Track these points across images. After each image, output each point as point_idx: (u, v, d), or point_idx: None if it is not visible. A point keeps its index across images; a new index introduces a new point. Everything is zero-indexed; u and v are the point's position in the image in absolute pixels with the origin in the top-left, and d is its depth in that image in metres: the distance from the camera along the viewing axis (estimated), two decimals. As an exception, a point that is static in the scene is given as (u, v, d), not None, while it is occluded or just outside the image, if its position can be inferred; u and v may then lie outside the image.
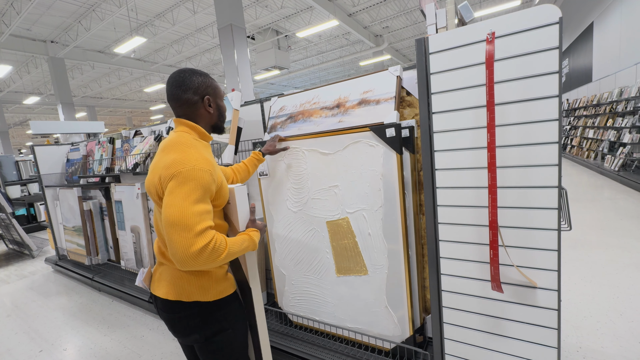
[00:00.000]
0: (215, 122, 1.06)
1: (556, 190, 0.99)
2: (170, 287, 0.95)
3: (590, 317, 1.97)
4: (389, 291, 1.48)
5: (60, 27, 9.07)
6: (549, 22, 0.93)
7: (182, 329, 0.97)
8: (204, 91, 0.99)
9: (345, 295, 1.63)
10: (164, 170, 0.85)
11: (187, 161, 0.84)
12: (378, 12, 10.33)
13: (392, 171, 1.36)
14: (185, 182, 0.81)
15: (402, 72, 1.49)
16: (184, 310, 0.95)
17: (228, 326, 1.00)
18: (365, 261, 1.53)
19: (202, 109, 0.99)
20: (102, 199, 3.25)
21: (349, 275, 1.60)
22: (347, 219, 1.54)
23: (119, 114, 22.64)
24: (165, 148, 0.92)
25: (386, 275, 1.47)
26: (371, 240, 1.49)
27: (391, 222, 1.40)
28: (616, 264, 2.60)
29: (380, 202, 1.42)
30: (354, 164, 1.47)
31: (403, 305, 1.45)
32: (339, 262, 1.61)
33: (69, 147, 3.73)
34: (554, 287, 1.03)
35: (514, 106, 1.01)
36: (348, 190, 1.51)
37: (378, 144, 1.38)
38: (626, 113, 6.01)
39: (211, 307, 0.97)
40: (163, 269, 0.99)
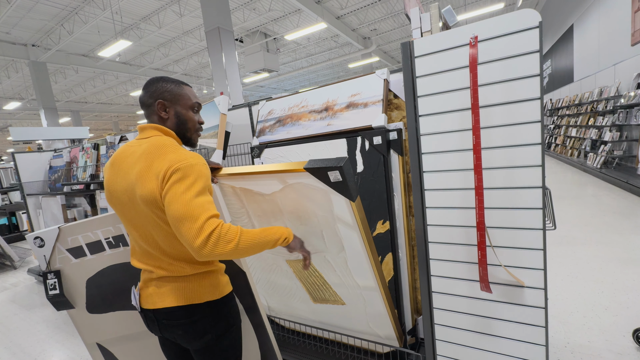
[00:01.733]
0: (176, 130, 0.98)
1: (540, 190, 1.01)
2: (178, 294, 0.93)
3: (576, 312, 2.01)
4: (370, 317, 1.43)
5: (42, 30, 8.84)
6: (529, 26, 0.95)
7: (195, 333, 0.95)
8: (160, 95, 0.95)
9: (327, 318, 1.61)
10: (163, 172, 0.82)
11: (183, 158, 0.83)
12: (366, 14, 10.43)
13: (348, 218, 1.11)
14: (185, 177, 0.81)
15: (389, 75, 1.50)
16: (197, 313, 0.94)
17: (233, 322, 1.02)
18: (339, 295, 1.42)
19: (154, 113, 0.96)
20: (87, 207, 3.16)
21: (326, 304, 1.53)
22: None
23: (105, 119, 22.17)
24: (147, 154, 0.87)
25: (364, 306, 1.40)
26: (341, 279, 1.34)
27: (358, 265, 1.25)
28: (600, 259, 2.67)
29: (341, 245, 1.22)
30: (298, 207, 1.18)
31: (388, 327, 1.42)
32: (313, 293, 1.53)
33: (52, 154, 3.63)
34: (540, 286, 1.05)
35: (498, 108, 1.03)
36: (301, 233, 1.26)
37: (322, 188, 1.06)
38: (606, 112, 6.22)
39: (219, 304, 0.98)
40: (160, 282, 0.95)
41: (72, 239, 1.24)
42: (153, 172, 0.83)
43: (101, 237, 1.26)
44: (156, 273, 0.95)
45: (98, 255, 1.27)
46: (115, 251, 1.28)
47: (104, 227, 1.25)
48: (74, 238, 1.24)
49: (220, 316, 0.98)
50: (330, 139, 1.54)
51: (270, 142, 1.78)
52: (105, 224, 1.25)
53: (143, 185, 0.83)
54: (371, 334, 1.51)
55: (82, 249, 1.25)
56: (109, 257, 1.28)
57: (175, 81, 0.99)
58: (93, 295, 1.28)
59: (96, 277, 1.27)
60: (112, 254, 1.28)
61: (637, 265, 2.50)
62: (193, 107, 1.01)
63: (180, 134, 1.00)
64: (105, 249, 1.27)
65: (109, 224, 1.25)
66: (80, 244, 1.25)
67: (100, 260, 1.27)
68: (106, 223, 1.25)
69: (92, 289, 1.28)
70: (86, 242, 1.26)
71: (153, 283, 0.97)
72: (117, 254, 1.28)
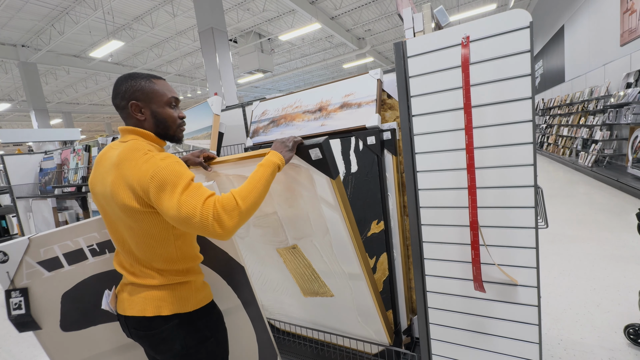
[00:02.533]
0: (155, 131, 0.93)
1: (532, 189, 1.01)
2: (146, 303, 0.91)
3: (569, 309, 2.04)
4: (360, 310, 1.44)
5: (32, 30, 8.70)
6: (520, 26, 0.96)
7: (162, 344, 0.92)
8: (131, 95, 0.90)
9: (317, 312, 1.61)
10: (136, 182, 0.80)
11: (151, 164, 0.80)
12: (360, 15, 10.46)
13: (329, 197, 1.16)
14: (162, 184, 0.77)
15: (382, 75, 1.50)
16: (163, 325, 0.91)
17: (210, 334, 0.97)
18: (328, 285, 1.45)
19: (130, 116, 0.92)
20: (78, 209, 3.11)
21: (315, 297, 1.54)
22: (297, 247, 1.41)
23: (98, 120, 21.90)
24: (119, 161, 0.84)
25: (352, 297, 1.42)
26: (328, 266, 1.38)
27: (343, 248, 1.27)
28: (592, 257, 2.70)
29: (325, 227, 1.26)
30: (285, 188, 1.24)
31: (376, 322, 1.42)
32: (303, 285, 1.55)
33: (42, 156, 3.57)
34: (533, 284, 1.06)
35: (490, 108, 1.03)
36: (288, 216, 1.32)
37: (305, 166, 1.12)
38: (597, 111, 6.31)
39: (191, 317, 0.94)
40: (133, 288, 0.94)
41: (45, 250, 1.10)
42: (125, 182, 0.81)
43: (83, 245, 1.15)
44: (128, 279, 0.94)
45: (78, 266, 1.15)
46: (100, 259, 1.18)
47: (87, 233, 1.15)
48: (48, 249, 1.10)
49: (192, 329, 0.94)
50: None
51: (264, 143, 1.77)
52: (89, 230, 1.15)
53: (117, 194, 0.82)
54: (361, 329, 1.51)
55: (58, 260, 1.12)
56: (91, 266, 1.17)
57: (145, 76, 0.92)
58: (70, 311, 1.15)
59: (75, 290, 1.16)
60: (96, 262, 1.17)
61: (628, 262, 2.54)
62: (170, 102, 0.94)
63: (161, 134, 0.95)
64: (88, 257, 1.16)
65: (93, 230, 1.16)
66: (55, 254, 1.11)
67: (81, 271, 1.16)
68: (89, 229, 1.15)
69: (69, 304, 1.15)
70: (64, 252, 1.13)
71: (127, 288, 0.96)
72: (101, 261, 1.18)
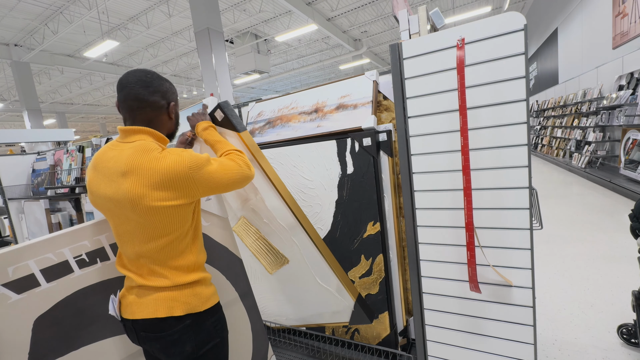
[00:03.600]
0: (173, 131, 1.03)
1: (527, 190, 1.02)
2: (158, 304, 0.89)
3: (564, 309, 2.05)
4: (314, 268, 1.54)
5: (25, 30, 8.60)
6: (514, 29, 0.96)
7: (173, 346, 0.91)
8: (171, 97, 0.97)
9: (287, 288, 1.70)
10: (176, 179, 0.84)
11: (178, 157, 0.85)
12: (356, 16, 10.48)
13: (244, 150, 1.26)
14: (199, 166, 0.87)
15: (378, 76, 1.50)
16: (176, 326, 0.90)
17: (217, 336, 0.97)
18: (281, 250, 1.59)
19: (164, 114, 0.96)
20: (72, 211, 3.08)
21: (278, 269, 1.67)
22: (243, 218, 1.56)
23: (92, 120, 21.70)
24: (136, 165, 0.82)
25: (302, 254, 1.53)
26: (271, 227, 1.53)
27: (272, 201, 1.38)
28: (586, 257, 2.73)
29: (253, 186, 1.39)
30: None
31: (331, 276, 1.51)
32: (264, 260, 1.68)
33: (35, 157, 3.52)
34: (528, 285, 1.06)
35: (485, 110, 1.04)
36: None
37: (220, 131, 1.24)
38: (590, 113, 6.39)
39: (203, 316, 0.94)
40: (141, 290, 0.92)
41: (16, 268, 0.91)
42: (152, 184, 0.81)
43: (69, 257, 1.00)
44: (137, 281, 0.92)
45: (60, 282, 0.99)
46: (89, 270, 1.05)
47: (75, 243, 1.02)
48: (19, 267, 0.92)
49: (203, 329, 0.94)
50: (320, 141, 1.53)
51: (259, 144, 1.77)
52: (77, 239, 1.02)
53: (142, 198, 0.82)
54: (326, 296, 1.57)
55: (33, 279, 0.94)
56: (77, 280, 1.02)
57: (169, 80, 1.00)
58: (44, 339, 0.96)
59: (53, 312, 0.98)
60: (84, 275, 1.04)
61: (621, 263, 2.56)
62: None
63: (172, 133, 1.02)
64: (74, 270, 1.02)
65: (83, 238, 1.03)
66: (30, 272, 0.94)
67: (63, 288, 1.00)
68: (78, 238, 1.02)
69: (43, 331, 0.96)
70: (42, 268, 0.96)
71: (134, 291, 0.93)
72: (91, 273, 1.05)
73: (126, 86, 0.89)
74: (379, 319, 1.52)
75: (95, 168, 0.90)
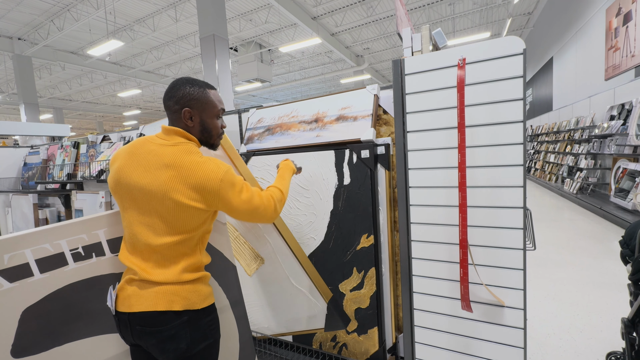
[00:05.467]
0: (199, 138, 1.01)
1: (521, 210, 1.03)
2: (158, 298, 0.89)
3: (553, 334, 2.04)
4: (287, 267, 1.57)
5: (30, 24, 8.63)
6: (514, 52, 0.99)
7: (168, 342, 0.89)
8: (187, 102, 0.96)
9: (265, 292, 1.71)
10: (205, 185, 0.89)
11: (217, 168, 0.91)
12: (360, 33, 10.74)
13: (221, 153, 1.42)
14: (230, 185, 0.92)
15: (379, 90, 1.52)
16: (173, 320, 0.89)
17: (211, 336, 0.97)
18: (257, 250, 1.62)
19: (181, 120, 0.98)
20: (60, 207, 3.01)
21: (255, 270, 1.69)
22: None
23: (89, 118, 21.57)
24: (177, 162, 0.90)
25: (275, 253, 1.57)
26: (245, 227, 1.61)
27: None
28: (576, 282, 2.74)
29: None
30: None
31: (302, 275, 1.54)
32: (243, 262, 1.71)
33: (28, 150, 3.47)
34: (520, 306, 1.06)
35: (483, 129, 1.06)
36: None
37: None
38: (582, 141, 6.54)
39: (200, 314, 0.94)
40: (143, 283, 0.91)
41: (12, 256, 0.91)
42: (186, 183, 0.88)
43: (65, 249, 1.00)
44: (140, 274, 0.91)
45: (53, 273, 0.98)
46: (84, 264, 1.03)
47: (73, 235, 1.01)
48: (15, 255, 0.92)
49: (198, 328, 0.94)
50: (318, 150, 1.54)
51: (258, 150, 1.77)
52: (76, 232, 1.01)
53: (173, 192, 0.88)
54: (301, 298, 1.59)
55: (27, 268, 0.93)
56: (70, 273, 1.01)
57: (202, 85, 0.98)
58: (29, 331, 0.95)
59: (42, 304, 0.97)
60: (77, 269, 1.02)
61: (610, 289, 2.57)
62: (218, 114, 1.02)
63: (202, 141, 1.02)
64: (68, 263, 1.00)
65: (82, 232, 1.02)
66: (25, 261, 0.93)
67: (55, 280, 0.98)
68: (77, 230, 1.01)
69: (30, 322, 0.95)
70: (38, 258, 0.95)
71: (135, 284, 0.93)
72: (85, 267, 1.03)
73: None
74: (367, 334, 1.49)
75: (132, 155, 0.93)
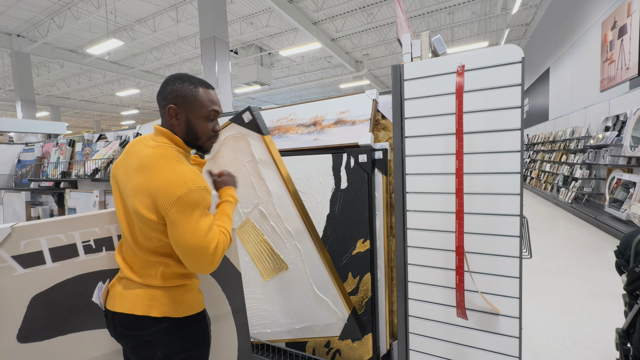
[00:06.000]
0: (185, 138, 0.92)
1: (518, 218, 1.02)
2: (138, 301, 0.87)
3: (548, 343, 2.03)
4: (313, 276, 1.52)
5: (30, 21, 8.60)
6: (512, 60, 1.00)
7: (145, 348, 0.87)
8: (172, 99, 0.89)
9: (280, 297, 1.65)
10: (159, 196, 0.80)
11: (182, 182, 0.80)
12: (360, 39, 10.83)
13: (263, 154, 1.41)
14: (187, 207, 0.80)
15: (378, 95, 1.53)
16: (151, 326, 0.86)
17: (193, 346, 0.92)
18: (282, 256, 1.57)
19: (166, 117, 0.92)
20: (53, 206, 2.97)
21: (274, 275, 1.64)
22: (249, 220, 1.57)
23: (87, 117, 21.45)
24: (147, 165, 0.84)
25: (304, 262, 1.52)
26: (277, 232, 1.56)
27: (284, 204, 1.43)
28: (571, 291, 2.74)
29: (267, 188, 1.45)
30: (233, 160, 1.50)
31: (330, 286, 1.49)
32: (261, 266, 1.66)
33: (22, 147, 3.43)
34: (515, 315, 1.05)
35: (481, 136, 1.06)
36: (239, 190, 1.55)
37: (243, 133, 1.40)
38: (577, 151, 6.61)
39: (180, 323, 0.90)
40: (126, 283, 0.91)
41: (27, 242, 0.96)
42: (147, 191, 0.81)
43: (77, 240, 1.03)
44: (125, 273, 0.90)
45: (64, 263, 1.01)
46: (93, 257, 1.06)
47: (86, 227, 1.04)
48: (31, 242, 0.97)
49: (179, 337, 0.89)
50: (316, 154, 1.53)
51: (255, 152, 1.76)
52: (90, 224, 1.04)
53: (137, 198, 0.83)
54: (321, 306, 1.53)
55: (41, 256, 0.98)
56: (80, 264, 1.04)
57: (194, 82, 0.90)
58: (36, 317, 0.98)
59: (50, 292, 1.01)
60: (87, 261, 1.05)
61: (604, 299, 2.57)
62: (208, 115, 0.92)
63: (189, 142, 0.94)
64: (79, 254, 1.04)
65: (95, 225, 1.05)
66: (39, 249, 0.97)
67: (65, 270, 1.02)
68: (91, 223, 1.04)
69: (37, 309, 0.98)
70: (52, 247, 0.99)
71: (122, 282, 0.92)
72: (94, 260, 1.06)
73: None
74: (362, 340, 1.47)
75: (125, 155, 0.93)
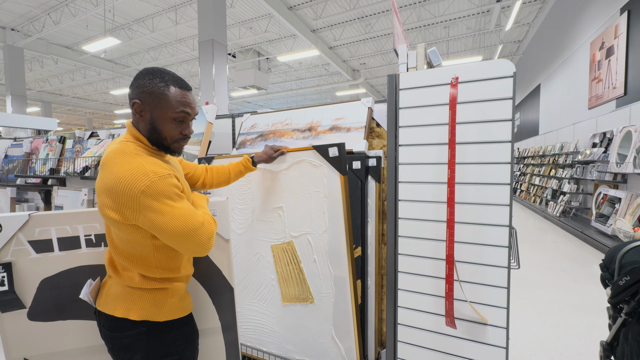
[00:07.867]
0: (149, 137, 0.85)
1: (507, 229, 1.04)
2: (118, 303, 0.86)
3: (534, 355, 2.04)
4: (336, 321, 1.42)
5: (25, 16, 8.51)
6: (505, 74, 1.03)
7: (123, 351, 0.86)
8: (138, 95, 0.82)
9: (292, 324, 1.55)
10: (119, 193, 0.74)
11: (141, 175, 0.74)
12: (357, 49, 10.99)
13: (336, 193, 1.31)
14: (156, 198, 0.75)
15: (373, 104, 1.55)
16: (129, 329, 0.85)
17: (175, 351, 0.90)
18: (311, 288, 1.46)
19: (132, 112, 0.85)
20: (40, 203, 2.90)
21: (295, 304, 1.51)
22: (292, 243, 1.47)
23: (79, 114, 21.14)
24: (104, 163, 0.80)
25: (333, 304, 1.41)
26: (317, 267, 1.42)
27: (336, 247, 1.35)
28: (557, 304, 2.77)
29: (325, 225, 1.36)
30: (298, 184, 1.42)
31: (350, 336, 1.39)
32: (285, 289, 1.53)
33: (10, 142, 3.36)
34: (502, 325, 1.06)
35: (473, 147, 1.08)
36: (292, 212, 1.45)
37: (321, 164, 1.33)
38: (566, 165, 6.76)
39: (161, 327, 0.87)
40: (112, 283, 0.90)
41: (41, 230, 1.06)
42: (104, 188, 0.77)
43: (81, 233, 1.11)
44: (111, 274, 0.90)
45: (68, 253, 1.10)
46: (93, 251, 1.13)
47: (89, 222, 1.11)
48: (44, 230, 1.06)
49: (158, 341, 0.87)
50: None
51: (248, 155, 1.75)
52: (92, 219, 1.12)
53: (98, 198, 0.80)
54: (331, 347, 1.45)
55: (50, 244, 1.08)
56: (82, 256, 1.12)
57: (167, 80, 0.83)
58: (43, 299, 1.10)
59: (56, 278, 1.10)
60: (88, 254, 1.12)
61: (590, 313, 2.61)
62: (176, 117, 0.84)
63: (154, 142, 0.86)
64: (81, 246, 1.12)
65: (96, 220, 1.12)
66: (50, 237, 1.07)
67: (69, 259, 1.11)
68: (93, 218, 1.11)
69: (44, 292, 1.09)
70: (59, 237, 1.08)
71: (108, 282, 0.92)
72: (93, 254, 1.13)
73: None
74: (350, 348, 1.46)
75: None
